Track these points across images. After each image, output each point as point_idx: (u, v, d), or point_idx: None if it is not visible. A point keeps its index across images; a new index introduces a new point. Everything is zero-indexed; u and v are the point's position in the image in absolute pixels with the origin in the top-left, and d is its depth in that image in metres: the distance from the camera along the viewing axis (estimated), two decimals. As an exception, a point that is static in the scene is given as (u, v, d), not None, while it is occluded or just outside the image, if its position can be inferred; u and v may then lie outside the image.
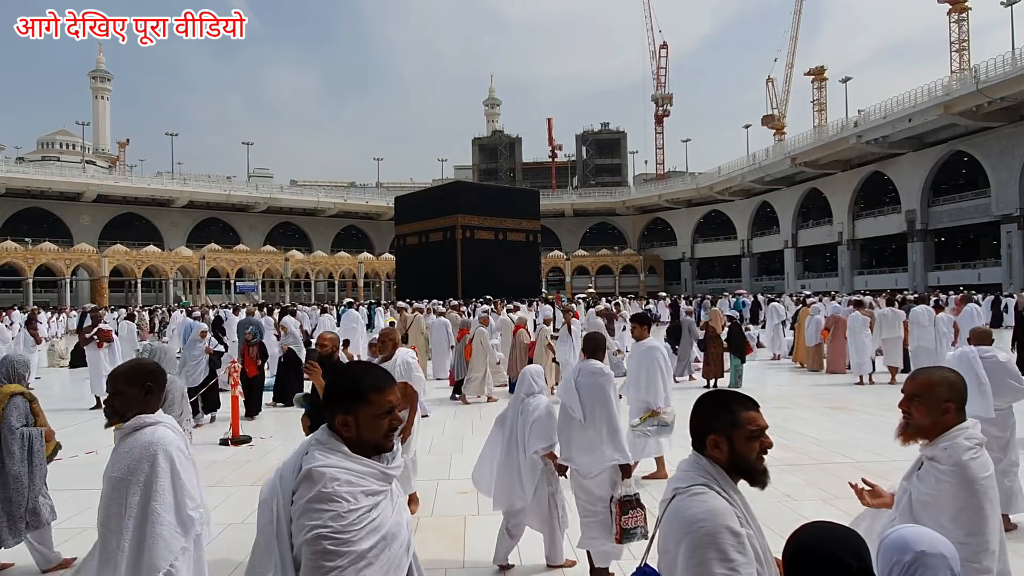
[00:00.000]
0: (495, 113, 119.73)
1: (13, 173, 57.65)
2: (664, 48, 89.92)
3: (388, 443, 1.88)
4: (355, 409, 1.84)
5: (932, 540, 1.67)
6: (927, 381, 2.36)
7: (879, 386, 13.12)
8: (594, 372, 4.45)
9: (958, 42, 59.82)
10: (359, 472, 1.78)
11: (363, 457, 1.82)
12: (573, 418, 4.40)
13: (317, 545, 1.66)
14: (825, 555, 1.60)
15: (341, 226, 78.42)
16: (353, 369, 1.95)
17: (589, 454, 4.32)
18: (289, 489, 1.76)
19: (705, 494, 1.83)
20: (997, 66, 38.78)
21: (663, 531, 1.90)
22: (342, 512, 1.69)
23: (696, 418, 1.99)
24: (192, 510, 2.73)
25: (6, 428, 4.53)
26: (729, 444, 1.90)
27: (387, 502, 1.82)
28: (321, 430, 1.88)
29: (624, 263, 74.77)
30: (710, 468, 1.91)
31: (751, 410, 1.94)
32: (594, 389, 4.37)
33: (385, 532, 1.76)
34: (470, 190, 48.41)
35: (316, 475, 1.72)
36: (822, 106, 77.64)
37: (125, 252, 56.76)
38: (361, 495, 1.74)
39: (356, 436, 1.84)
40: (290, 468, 1.81)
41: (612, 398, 4.40)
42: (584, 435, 4.34)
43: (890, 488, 2.70)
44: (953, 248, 52.67)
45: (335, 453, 1.79)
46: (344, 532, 1.68)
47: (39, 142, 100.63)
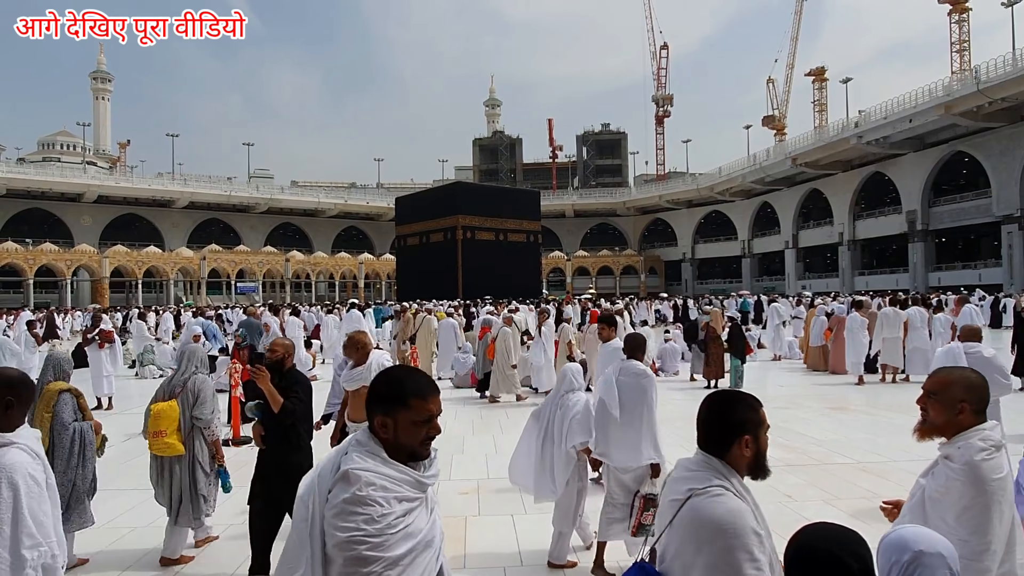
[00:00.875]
0: (496, 114, 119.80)
1: (14, 174, 57.74)
2: (665, 49, 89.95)
3: (424, 451, 1.87)
4: (395, 412, 1.83)
5: (931, 540, 1.66)
6: (944, 380, 2.38)
7: (879, 386, 13.13)
8: (636, 373, 4.58)
9: (959, 42, 59.81)
10: (395, 478, 1.77)
11: (400, 464, 1.81)
12: (610, 415, 4.51)
13: (351, 550, 1.66)
14: (825, 555, 1.60)
15: (342, 227, 78.46)
16: (397, 372, 1.93)
17: (626, 450, 4.47)
18: (326, 487, 1.76)
19: (724, 495, 1.85)
20: (998, 66, 38.78)
21: (678, 531, 1.89)
22: (375, 516, 1.68)
23: (725, 418, 2.00)
24: (29, 549, 2.40)
25: (59, 424, 4.62)
26: (756, 443, 1.96)
27: (421, 509, 1.81)
28: (362, 431, 1.88)
29: (625, 264, 74.78)
30: (722, 468, 1.93)
31: (762, 408, 2.02)
32: (636, 389, 4.51)
33: (418, 540, 1.76)
34: (471, 191, 48.43)
35: (352, 477, 1.72)
36: (823, 106, 77.63)
37: (126, 253, 56.82)
38: (395, 501, 1.73)
39: (393, 439, 1.83)
40: (329, 466, 1.81)
41: (653, 399, 4.53)
42: (621, 432, 4.48)
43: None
44: (954, 249, 52.65)
45: (373, 457, 1.79)
46: (377, 537, 1.67)
47: (40, 143, 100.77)
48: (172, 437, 4.75)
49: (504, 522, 5.58)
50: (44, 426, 4.58)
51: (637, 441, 4.44)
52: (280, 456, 4.47)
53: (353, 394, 5.16)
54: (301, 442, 4.56)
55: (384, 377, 1.91)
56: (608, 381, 4.63)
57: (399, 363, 15.44)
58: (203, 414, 4.89)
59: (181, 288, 61.56)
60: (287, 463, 4.41)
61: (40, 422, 4.57)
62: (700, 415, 2.07)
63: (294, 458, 4.46)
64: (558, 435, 4.70)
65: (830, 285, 53.99)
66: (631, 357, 4.72)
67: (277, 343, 4.79)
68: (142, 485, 6.31)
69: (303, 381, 4.64)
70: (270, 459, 4.53)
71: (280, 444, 4.48)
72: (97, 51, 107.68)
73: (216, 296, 58.28)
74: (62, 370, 4.86)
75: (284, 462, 4.43)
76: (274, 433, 4.48)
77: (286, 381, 4.54)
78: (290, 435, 4.48)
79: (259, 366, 4.46)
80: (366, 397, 1.91)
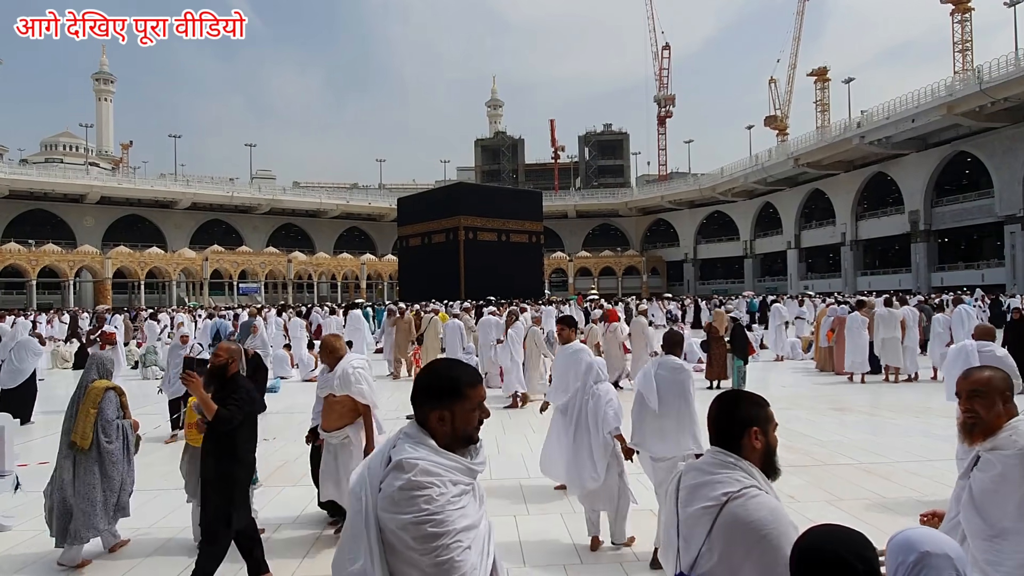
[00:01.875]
0: (498, 114, 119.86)
1: (17, 175, 57.80)
2: (666, 49, 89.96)
3: (476, 434, 1.97)
4: (452, 404, 1.90)
5: (937, 541, 1.66)
6: (988, 378, 2.42)
7: (881, 387, 13.11)
8: (674, 368, 4.77)
9: (961, 43, 59.75)
10: (446, 466, 1.82)
11: (448, 452, 1.87)
12: (647, 406, 4.70)
13: (418, 531, 1.71)
14: (831, 557, 1.60)
15: (344, 227, 78.50)
16: (447, 366, 2.01)
17: (662, 441, 4.65)
18: (377, 479, 1.81)
19: (760, 495, 1.89)
20: (1000, 66, 38.71)
21: (720, 537, 1.89)
22: (435, 495, 1.74)
23: (732, 413, 2.08)
24: None
25: (104, 420, 4.90)
26: (765, 436, 2.04)
27: (472, 497, 1.88)
28: (410, 424, 1.93)
29: (627, 264, 74.77)
30: (748, 467, 1.99)
31: (769, 407, 2.10)
32: (674, 383, 4.69)
33: (473, 520, 1.83)
34: (473, 191, 48.40)
35: (407, 465, 1.78)
36: (825, 107, 77.59)
37: (128, 254, 56.90)
38: (449, 484, 1.79)
39: (451, 430, 1.90)
40: (378, 459, 1.87)
41: (691, 392, 4.71)
42: (657, 423, 4.66)
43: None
44: (956, 249, 52.56)
45: (424, 446, 1.84)
46: (440, 513, 1.73)
47: (42, 144, 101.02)
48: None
49: (507, 523, 5.58)
50: (88, 422, 4.82)
51: (676, 432, 4.62)
52: (215, 465, 4.27)
53: (324, 401, 5.02)
54: (238, 451, 4.34)
55: (434, 373, 1.97)
56: (646, 375, 4.81)
57: (397, 364, 15.29)
58: None
59: (183, 289, 61.60)
60: (221, 472, 4.24)
61: (85, 418, 4.83)
62: (710, 414, 2.13)
63: (228, 467, 4.26)
64: (592, 424, 4.93)
65: (832, 286, 53.94)
66: (669, 352, 4.95)
67: (222, 347, 4.54)
68: (152, 484, 6.35)
69: (246, 388, 4.41)
70: (206, 466, 4.34)
71: (217, 452, 4.28)
72: (99, 52, 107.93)
73: (218, 297, 58.36)
74: (105, 369, 5.11)
75: (218, 470, 4.25)
76: (212, 441, 4.30)
77: (227, 388, 4.35)
78: (224, 443, 4.27)
79: (190, 372, 4.24)
80: (413, 395, 1.95)
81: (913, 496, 6.09)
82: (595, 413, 4.98)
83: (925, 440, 8.38)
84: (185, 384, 4.21)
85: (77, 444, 4.80)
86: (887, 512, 5.64)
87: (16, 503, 5.96)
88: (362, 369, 4.96)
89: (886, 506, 5.84)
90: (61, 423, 4.98)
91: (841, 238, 56.86)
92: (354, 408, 4.92)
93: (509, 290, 35.59)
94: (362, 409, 4.93)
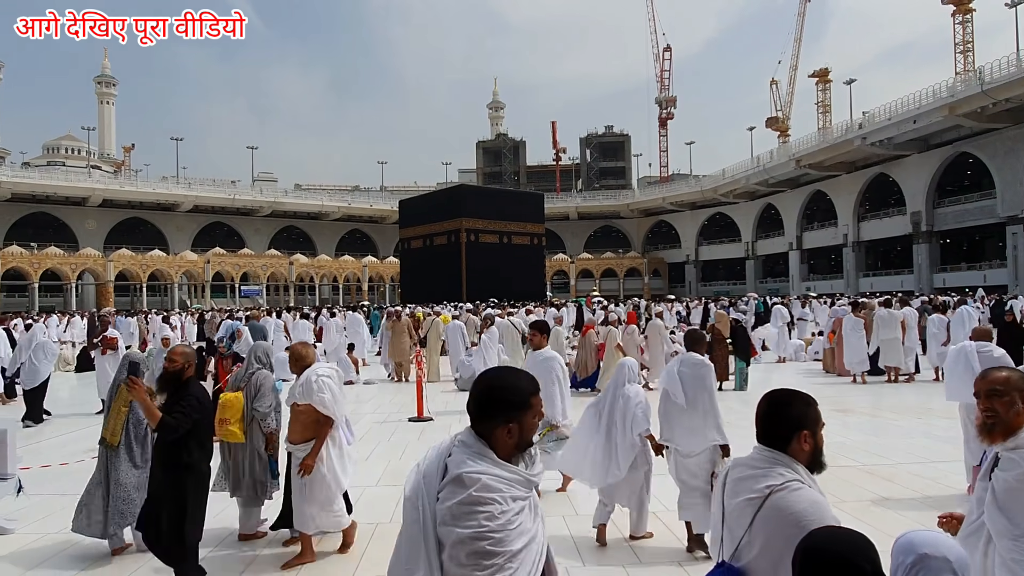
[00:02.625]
0: (499, 116, 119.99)
1: (19, 178, 57.91)
2: (668, 51, 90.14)
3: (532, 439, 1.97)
4: (521, 416, 1.88)
5: (936, 543, 1.66)
6: (1006, 378, 2.44)
7: (882, 388, 13.10)
8: (696, 364, 4.97)
9: (962, 43, 59.71)
10: (507, 479, 1.81)
11: (508, 463, 1.85)
12: (674, 403, 4.90)
13: (475, 546, 1.71)
14: (836, 559, 1.60)
15: (345, 230, 78.56)
16: (508, 376, 1.97)
17: (690, 436, 4.84)
18: (434, 489, 1.81)
19: (803, 489, 1.95)
20: (1002, 67, 38.67)
21: (762, 528, 1.96)
22: (496, 513, 1.74)
23: (783, 415, 2.10)
24: None
25: (135, 419, 5.01)
26: (814, 438, 2.07)
27: (528, 510, 1.86)
28: (467, 431, 1.91)
29: (628, 266, 74.79)
30: (792, 464, 2.03)
31: (818, 405, 2.13)
32: (696, 379, 4.89)
33: (531, 535, 1.82)
34: (474, 193, 48.48)
35: (468, 480, 1.76)
36: (826, 108, 77.60)
37: (130, 256, 56.99)
38: (509, 500, 1.79)
39: (518, 440, 1.88)
40: (433, 467, 1.86)
41: (712, 387, 4.93)
42: (685, 419, 4.85)
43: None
44: (959, 250, 52.48)
45: (483, 459, 1.83)
46: (499, 532, 1.73)
47: (45, 147, 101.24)
48: (235, 425, 5.07)
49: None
50: (119, 420, 4.96)
51: (701, 426, 4.79)
52: (164, 475, 4.10)
53: (290, 411, 4.88)
54: (188, 461, 4.10)
55: (499, 385, 1.92)
56: (671, 372, 5.03)
57: (399, 368, 15.25)
58: (261, 406, 5.21)
59: (185, 291, 61.68)
60: (170, 483, 4.08)
61: (116, 416, 4.96)
62: (759, 412, 2.16)
63: (177, 478, 4.07)
64: (621, 423, 5.07)
65: (834, 287, 53.85)
66: (691, 350, 5.14)
67: (177, 352, 4.31)
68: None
69: (196, 395, 4.17)
70: (154, 479, 4.19)
71: (166, 462, 4.10)
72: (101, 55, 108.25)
73: (220, 299, 58.38)
74: (137, 369, 5.20)
75: (167, 482, 4.09)
76: (162, 452, 4.11)
77: (177, 394, 4.12)
78: (172, 453, 4.06)
79: (132, 378, 4.06)
80: (471, 409, 1.92)
81: (916, 498, 6.08)
82: (624, 413, 5.09)
83: (927, 441, 8.37)
84: (128, 390, 3.99)
85: (107, 440, 4.96)
86: (890, 514, 5.63)
87: (18, 506, 5.96)
88: (327, 378, 4.77)
89: (889, 508, 5.83)
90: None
91: (843, 239, 56.80)
92: (320, 418, 4.72)
93: (511, 292, 35.61)
94: (322, 420, 4.72)
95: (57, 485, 6.87)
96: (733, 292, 61.21)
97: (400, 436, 9.46)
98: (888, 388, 13.11)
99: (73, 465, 7.62)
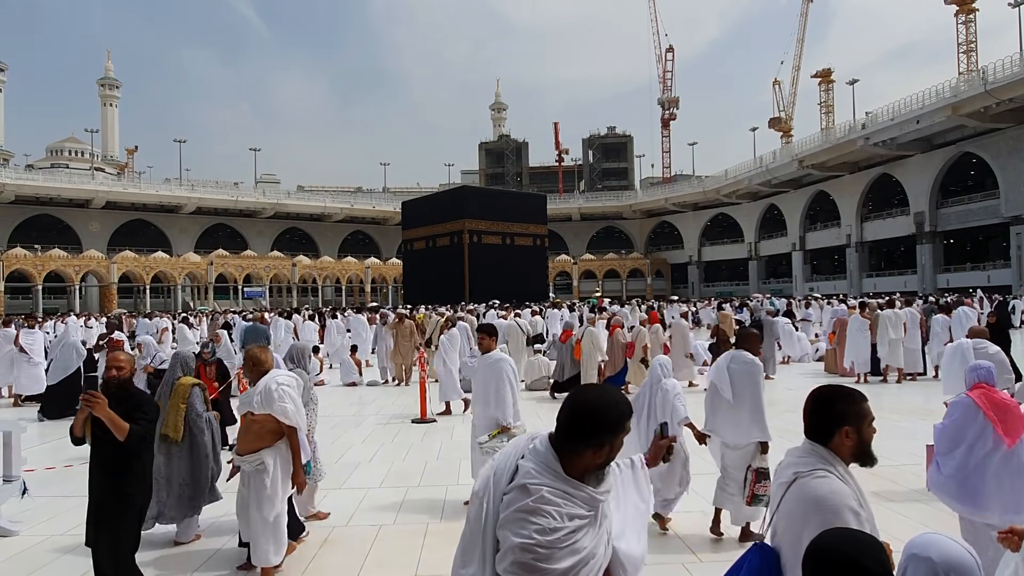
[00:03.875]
0: (502, 117, 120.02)
1: (23, 180, 58.12)
2: (670, 51, 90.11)
3: None
4: (613, 439, 1.88)
5: (926, 544, 1.68)
6: None
7: (882, 389, 13.07)
8: (746, 362, 5.23)
9: (966, 43, 59.57)
10: (569, 495, 1.82)
11: (574, 480, 1.85)
12: (721, 397, 5.20)
13: (521, 556, 1.73)
14: (843, 559, 1.62)
15: (348, 231, 78.66)
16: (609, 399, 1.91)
17: (735, 428, 5.13)
18: (501, 489, 1.84)
19: (827, 477, 2.06)
20: (1005, 67, 38.65)
21: (785, 509, 2.11)
22: (548, 528, 1.74)
23: (826, 411, 2.19)
24: None
25: (194, 414, 5.29)
26: (858, 434, 2.14)
27: (590, 527, 1.86)
28: (544, 439, 1.91)
29: (631, 267, 74.78)
30: (827, 455, 2.13)
31: (866, 401, 2.21)
32: (746, 376, 5.15)
33: (582, 556, 1.81)
34: (477, 195, 48.47)
35: (531, 489, 1.78)
36: (829, 108, 77.47)
37: (134, 258, 57.13)
38: (566, 517, 1.78)
39: (604, 460, 1.89)
40: (504, 466, 1.89)
41: (760, 385, 5.16)
42: (731, 413, 5.14)
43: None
44: (962, 250, 52.39)
45: (550, 472, 1.83)
46: (546, 548, 1.73)
47: (48, 149, 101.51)
48: None
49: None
50: (179, 415, 5.21)
51: (746, 422, 5.06)
52: (114, 486, 3.82)
53: (242, 420, 4.65)
54: (143, 471, 3.94)
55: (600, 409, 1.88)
56: (719, 368, 5.31)
57: (400, 370, 15.22)
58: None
59: (188, 293, 61.80)
60: (122, 495, 3.84)
61: (175, 412, 5.20)
62: (806, 407, 2.26)
63: (130, 489, 3.86)
64: (661, 415, 5.34)
65: (838, 287, 53.77)
66: (741, 348, 5.39)
67: (123, 359, 4.02)
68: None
69: (147, 399, 4.05)
70: (102, 488, 3.85)
71: (118, 471, 3.82)
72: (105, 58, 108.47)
73: (223, 301, 58.46)
74: (188, 367, 5.57)
75: (120, 493, 3.83)
76: (115, 461, 3.81)
77: (129, 401, 3.85)
78: (134, 464, 3.85)
79: (92, 392, 3.69)
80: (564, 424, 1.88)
81: (920, 499, 6.07)
82: (663, 406, 5.34)
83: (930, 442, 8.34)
84: (88, 406, 3.63)
85: (170, 436, 5.17)
86: (893, 516, 5.62)
87: (23, 508, 5.97)
88: (287, 386, 4.55)
89: (892, 509, 5.81)
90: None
91: (846, 240, 56.74)
92: (275, 430, 4.47)
93: (513, 293, 35.59)
94: (287, 431, 4.49)
95: (61, 487, 6.88)
96: (736, 293, 61.19)
97: (403, 437, 9.45)
98: (890, 388, 13.08)
99: (77, 467, 7.61)
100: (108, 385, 3.88)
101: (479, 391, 6.02)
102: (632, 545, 2.09)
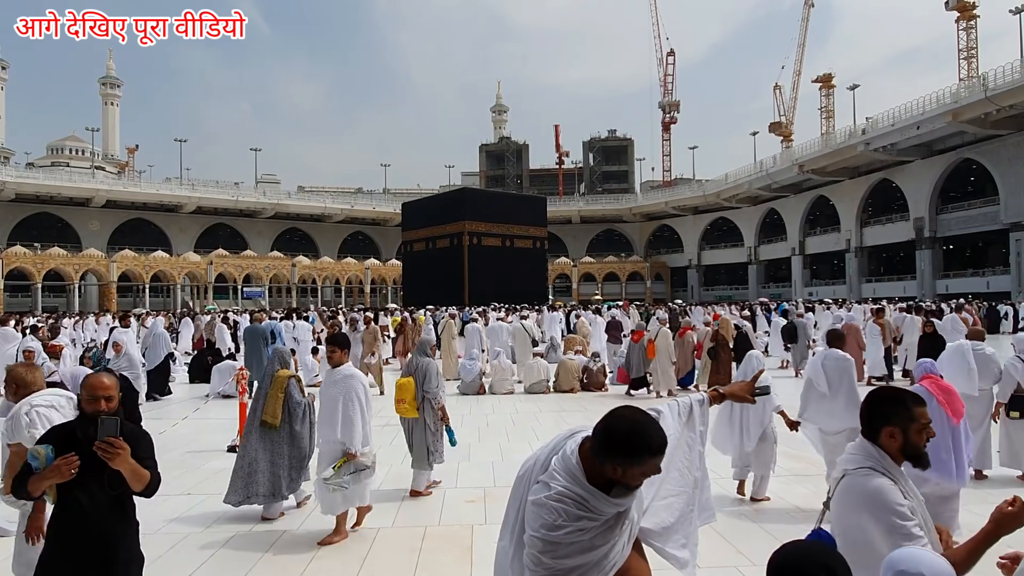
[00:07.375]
0: (502, 119, 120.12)
1: (23, 179, 58.07)
2: (671, 55, 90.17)
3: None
4: (629, 465, 1.87)
5: (913, 558, 1.72)
6: None
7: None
8: (838, 359, 6.01)
9: (966, 50, 59.71)
10: (582, 500, 1.87)
11: (595, 488, 1.89)
12: (815, 390, 5.97)
13: (531, 546, 1.88)
14: (794, 572, 1.64)
15: (348, 232, 78.68)
16: (638, 429, 1.89)
17: (829, 417, 5.84)
18: (533, 478, 2.00)
19: (871, 474, 2.22)
20: (1006, 74, 38.67)
21: (837, 503, 2.29)
22: (553, 524, 1.84)
23: (874, 411, 2.35)
24: None
25: (293, 402, 5.85)
26: (904, 435, 2.27)
27: (606, 532, 1.90)
28: (576, 440, 2.01)
29: (631, 270, 74.81)
30: (874, 452, 2.28)
31: (921, 406, 2.30)
32: (839, 371, 5.93)
33: (589, 558, 1.87)
34: (477, 196, 48.53)
35: (551, 485, 1.91)
36: (830, 113, 77.59)
37: (133, 257, 57.13)
38: (574, 519, 1.84)
39: (617, 480, 1.91)
40: (544, 456, 2.04)
41: (854, 377, 5.98)
42: (825, 403, 5.90)
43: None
44: (962, 256, 52.44)
45: (569, 475, 1.91)
46: (549, 544, 1.84)
47: (49, 148, 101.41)
48: (410, 404, 6.44)
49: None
50: (278, 404, 5.75)
51: (841, 410, 5.73)
52: (113, 528, 2.99)
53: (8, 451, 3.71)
54: (129, 510, 3.10)
55: (628, 431, 1.88)
56: (815, 365, 6.11)
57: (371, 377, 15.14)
58: (429, 388, 6.51)
59: (188, 293, 61.77)
60: (122, 535, 3.05)
61: (274, 401, 5.76)
62: (861, 408, 2.43)
63: (124, 528, 3.07)
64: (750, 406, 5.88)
65: (837, 292, 53.82)
66: (832, 346, 6.17)
67: (112, 388, 3.03)
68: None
69: (146, 436, 3.13)
70: (96, 533, 2.93)
71: (115, 517, 2.99)
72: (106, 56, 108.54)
73: (223, 301, 58.45)
74: (285, 360, 6.06)
75: (126, 537, 3.08)
76: (112, 501, 2.95)
77: (130, 440, 2.90)
78: (127, 504, 3.06)
79: (112, 440, 2.80)
80: (600, 437, 1.88)
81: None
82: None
83: (931, 448, 8.34)
84: (104, 457, 2.79)
85: (268, 423, 5.73)
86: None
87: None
88: (44, 408, 3.71)
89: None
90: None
91: (846, 245, 56.78)
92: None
93: (513, 295, 35.60)
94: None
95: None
96: (735, 297, 61.21)
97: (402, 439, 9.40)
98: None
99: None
100: (93, 416, 2.89)
101: (325, 412, 5.32)
102: (662, 517, 2.29)
